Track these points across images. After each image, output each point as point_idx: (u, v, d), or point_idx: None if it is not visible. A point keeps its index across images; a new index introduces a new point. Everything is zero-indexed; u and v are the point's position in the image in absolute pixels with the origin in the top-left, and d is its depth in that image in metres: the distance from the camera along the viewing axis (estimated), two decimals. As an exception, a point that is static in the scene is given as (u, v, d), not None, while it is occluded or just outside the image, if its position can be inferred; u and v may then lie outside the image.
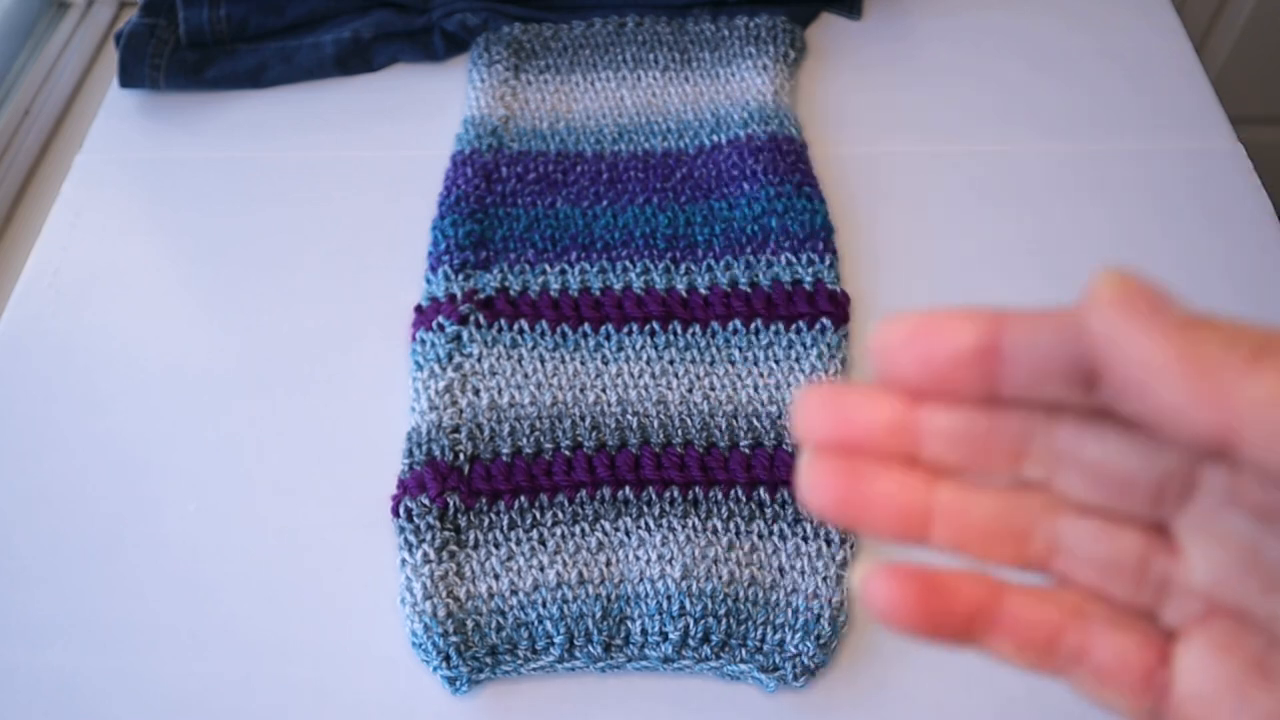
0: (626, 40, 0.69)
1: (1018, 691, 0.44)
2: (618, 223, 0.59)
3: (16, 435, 0.53)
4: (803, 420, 0.20)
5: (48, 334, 0.58)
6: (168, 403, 0.54)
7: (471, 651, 0.44)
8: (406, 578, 0.46)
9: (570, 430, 0.50)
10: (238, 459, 0.52)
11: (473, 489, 0.48)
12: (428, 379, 0.52)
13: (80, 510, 0.50)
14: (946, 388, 0.19)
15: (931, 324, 0.19)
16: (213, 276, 0.60)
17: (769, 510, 0.47)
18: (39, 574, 0.48)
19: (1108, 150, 0.63)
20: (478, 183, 0.60)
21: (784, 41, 0.67)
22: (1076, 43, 0.69)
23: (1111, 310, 0.17)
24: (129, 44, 0.68)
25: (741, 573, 0.45)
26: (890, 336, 0.19)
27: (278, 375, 0.55)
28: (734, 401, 0.51)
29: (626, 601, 0.45)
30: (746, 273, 0.55)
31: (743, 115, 0.63)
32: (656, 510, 0.47)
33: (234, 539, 0.49)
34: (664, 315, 0.54)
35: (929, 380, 0.19)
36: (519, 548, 0.46)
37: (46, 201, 0.65)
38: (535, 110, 0.65)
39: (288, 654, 0.46)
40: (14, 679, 0.46)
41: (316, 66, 0.69)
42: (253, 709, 0.45)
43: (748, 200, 0.59)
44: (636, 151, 0.63)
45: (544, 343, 0.53)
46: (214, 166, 0.65)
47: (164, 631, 0.47)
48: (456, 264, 0.56)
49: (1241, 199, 0.60)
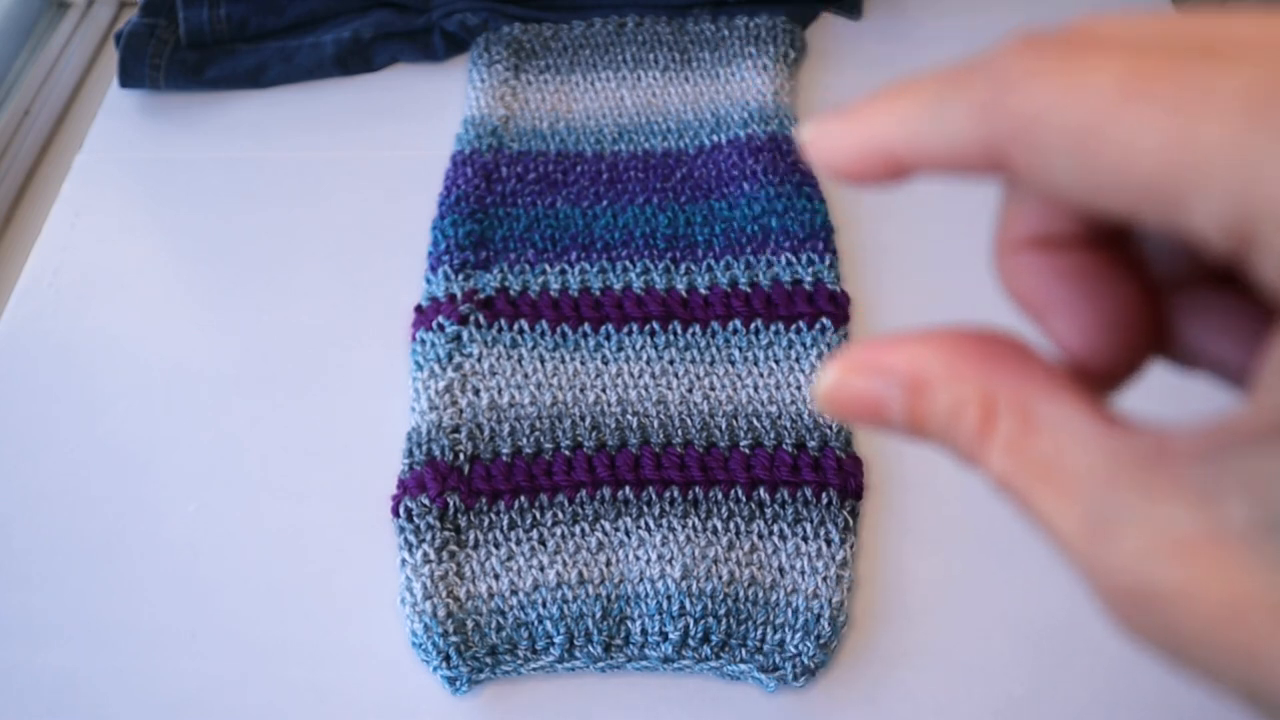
0: (626, 40, 0.69)
1: (1018, 692, 0.44)
2: (618, 223, 0.59)
3: (16, 435, 0.53)
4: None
5: (48, 334, 0.58)
6: (168, 403, 0.54)
7: (471, 651, 0.44)
8: (406, 578, 0.46)
9: (570, 430, 0.50)
10: (238, 459, 0.52)
11: (473, 489, 0.48)
12: (428, 379, 0.52)
13: (80, 510, 0.50)
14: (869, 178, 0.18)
15: (830, 138, 0.18)
16: (213, 276, 0.60)
17: (769, 510, 0.47)
18: (39, 574, 0.48)
19: (1108, 150, 0.63)
20: (478, 183, 0.60)
21: (784, 41, 0.67)
22: (1076, 43, 0.69)
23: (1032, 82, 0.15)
24: (129, 44, 0.68)
25: (741, 573, 0.45)
26: (811, 150, 0.18)
27: (278, 375, 0.55)
28: (734, 401, 0.51)
29: (626, 601, 0.45)
30: (746, 273, 0.55)
31: (743, 115, 0.63)
32: (656, 510, 0.47)
33: (234, 539, 0.49)
34: (664, 315, 0.54)
35: (852, 176, 0.18)
36: (519, 548, 0.46)
37: (46, 201, 0.65)
38: (535, 110, 0.65)
39: (288, 654, 0.46)
40: (14, 679, 0.46)
41: (316, 66, 0.69)
42: (253, 709, 0.45)
43: (748, 200, 0.59)
44: (636, 151, 0.63)
45: (544, 343, 0.53)
46: (214, 166, 0.65)
47: (164, 631, 0.47)
48: (456, 264, 0.56)
49: (1241, 199, 0.60)
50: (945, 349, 0.18)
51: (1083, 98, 0.14)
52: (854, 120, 0.17)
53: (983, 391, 0.17)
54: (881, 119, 0.17)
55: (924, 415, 0.18)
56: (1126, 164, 0.14)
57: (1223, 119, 0.13)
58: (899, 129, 0.17)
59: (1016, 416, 0.17)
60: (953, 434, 0.17)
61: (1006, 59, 0.16)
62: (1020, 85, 0.15)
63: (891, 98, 0.17)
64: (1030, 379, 0.17)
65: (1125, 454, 0.15)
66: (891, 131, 0.17)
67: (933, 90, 0.17)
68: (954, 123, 0.16)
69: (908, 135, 0.17)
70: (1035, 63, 0.15)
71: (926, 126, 0.17)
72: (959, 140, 0.16)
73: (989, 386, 0.17)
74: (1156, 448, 0.15)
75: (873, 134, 0.17)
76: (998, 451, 0.17)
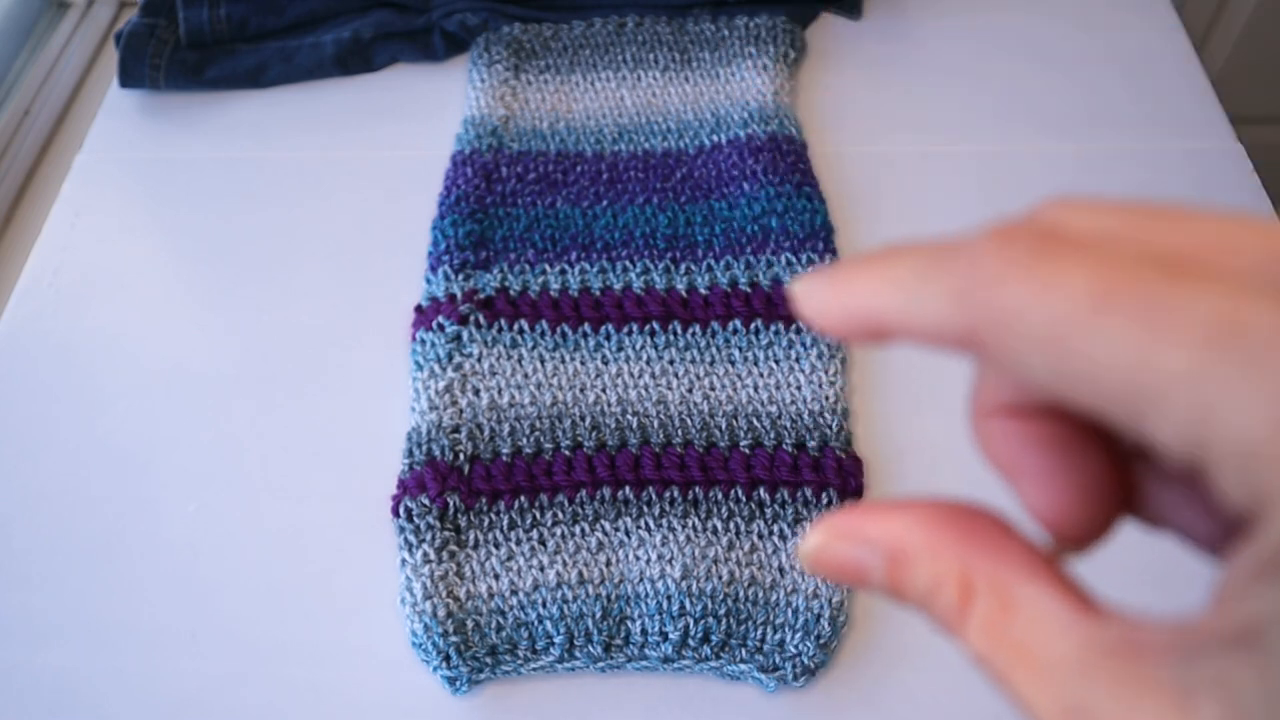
0: (626, 40, 0.69)
1: (1018, 691, 0.44)
2: (618, 223, 0.59)
3: (16, 435, 0.53)
4: None
5: (48, 334, 0.58)
6: (168, 403, 0.54)
7: (471, 651, 0.44)
8: (406, 578, 0.46)
9: (570, 430, 0.50)
10: (238, 459, 0.52)
11: (473, 489, 0.48)
12: (428, 379, 0.52)
13: (80, 510, 0.50)
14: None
15: (822, 301, 0.19)
16: (213, 276, 0.60)
17: (769, 510, 0.47)
18: (39, 574, 0.48)
19: (1108, 150, 0.63)
20: (478, 183, 0.60)
21: (784, 41, 0.67)
22: (1076, 43, 0.69)
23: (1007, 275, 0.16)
24: (129, 44, 0.68)
25: (741, 573, 0.45)
26: (800, 307, 0.19)
27: (278, 375, 0.55)
28: (734, 401, 0.51)
29: (626, 601, 0.45)
30: (746, 273, 0.55)
31: (743, 115, 0.63)
32: (656, 510, 0.47)
33: (234, 539, 0.49)
34: (664, 315, 0.54)
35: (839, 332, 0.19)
36: (519, 548, 0.46)
37: (46, 201, 0.65)
38: (535, 110, 0.65)
39: (288, 654, 0.46)
40: (14, 679, 0.46)
41: (316, 66, 0.69)
42: (253, 709, 0.45)
43: (748, 200, 0.59)
44: (636, 151, 0.63)
45: (544, 343, 0.53)
46: (214, 166, 0.65)
47: (164, 631, 0.47)
48: (456, 264, 0.56)
49: (1241, 199, 0.60)
50: (926, 523, 0.18)
51: (1053, 303, 0.15)
52: (841, 286, 0.18)
53: (961, 569, 0.18)
54: (868, 289, 0.18)
55: (904, 586, 0.18)
56: (1092, 373, 0.15)
57: (1185, 347, 0.14)
58: (883, 302, 0.18)
59: (994, 597, 0.17)
60: (932, 606, 0.18)
61: (983, 250, 0.16)
62: (994, 281, 0.16)
63: (878, 268, 0.18)
64: (1008, 559, 0.17)
65: (1099, 643, 0.16)
66: (876, 303, 0.18)
67: (916, 269, 0.17)
68: (933, 305, 0.17)
69: (891, 309, 0.18)
70: (1009, 258, 0.16)
71: (909, 304, 0.17)
72: (937, 321, 0.17)
73: (968, 564, 0.18)
74: (1129, 640, 0.16)
75: (859, 303, 0.18)
76: (975, 630, 0.17)
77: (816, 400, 0.51)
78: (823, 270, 0.19)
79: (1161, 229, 0.16)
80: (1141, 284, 0.15)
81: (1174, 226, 0.16)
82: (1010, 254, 0.16)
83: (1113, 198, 0.17)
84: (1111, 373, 0.15)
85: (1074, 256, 0.15)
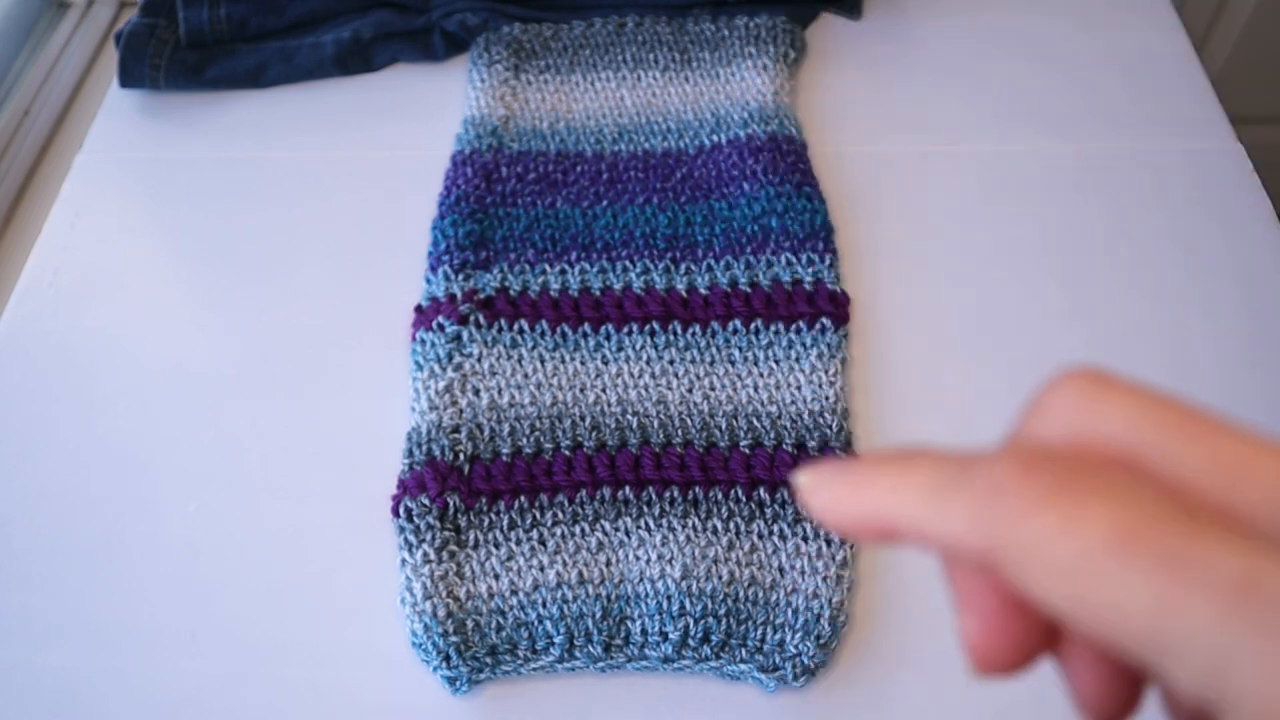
0: (626, 40, 0.69)
1: (1018, 692, 0.43)
2: (618, 223, 0.59)
3: (16, 435, 0.53)
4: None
5: (48, 334, 0.58)
6: (168, 403, 0.54)
7: (471, 651, 0.44)
8: (406, 578, 0.46)
9: (570, 430, 0.50)
10: (238, 459, 0.52)
11: (473, 489, 0.48)
12: (428, 379, 0.52)
13: (80, 510, 0.50)
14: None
15: (834, 505, 0.19)
16: (213, 276, 0.60)
17: (769, 510, 0.47)
18: (39, 574, 0.48)
19: (1108, 150, 0.63)
20: (478, 183, 0.60)
21: (784, 41, 0.67)
22: (1076, 43, 0.69)
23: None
24: (129, 44, 0.68)
25: (741, 573, 0.45)
26: (808, 499, 0.19)
27: (278, 375, 0.55)
28: (734, 401, 0.51)
29: (626, 601, 0.45)
30: (746, 273, 0.55)
31: (743, 115, 0.63)
32: (656, 510, 0.47)
33: (234, 539, 0.49)
34: (664, 315, 0.54)
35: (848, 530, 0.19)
36: (519, 548, 0.46)
37: (46, 201, 0.65)
38: (535, 110, 0.65)
39: (288, 654, 0.46)
40: (14, 679, 0.46)
41: (316, 66, 0.69)
42: (253, 709, 0.45)
43: (748, 200, 0.59)
44: (636, 151, 0.63)
45: (544, 343, 0.53)
46: (214, 166, 0.65)
47: (164, 631, 0.47)
48: (456, 264, 0.56)
49: (1241, 199, 0.60)
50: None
51: (1074, 545, 0.15)
52: (854, 486, 0.19)
53: None
54: (882, 494, 0.18)
55: None
56: (1110, 615, 0.15)
57: (1205, 603, 0.14)
58: (899, 510, 0.18)
59: None
60: None
61: (1005, 478, 0.17)
62: (1016, 515, 0.16)
63: (893, 474, 0.18)
64: None
65: None
66: (890, 511, 0.18)
67: (933, 484, 0.18)
68: (951, 522, 0.17)
69: (905, 518, 0.18)
70: (1032, 495, 0.16)
71: (926, 517, 0.18)
72: (954, 537, 0.17)
73: None
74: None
75: (872, 508, 0.18)
76: None
77: (816, 400, 0.51)
78: (831, 466, 0.19)
79: (1180, 448, 0.16)
80: (1163, 532, 0.15)
81: (1193, 448, 0.16)
82: (1032, 490, 0.16)
83: (1136, 384, 0.17)
84: (1131, 618, 0.15)
85: (1096, 496, 0.16)
